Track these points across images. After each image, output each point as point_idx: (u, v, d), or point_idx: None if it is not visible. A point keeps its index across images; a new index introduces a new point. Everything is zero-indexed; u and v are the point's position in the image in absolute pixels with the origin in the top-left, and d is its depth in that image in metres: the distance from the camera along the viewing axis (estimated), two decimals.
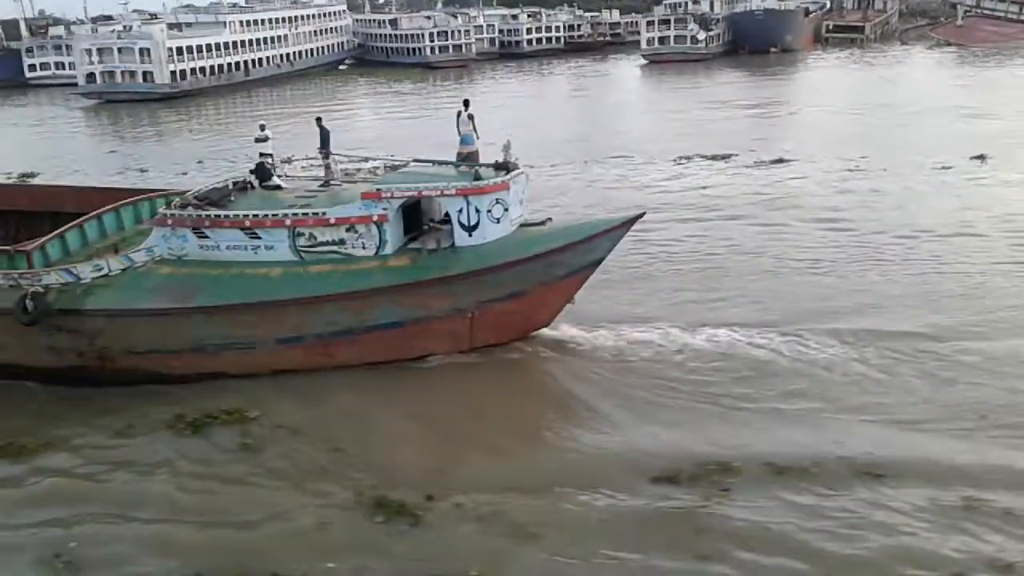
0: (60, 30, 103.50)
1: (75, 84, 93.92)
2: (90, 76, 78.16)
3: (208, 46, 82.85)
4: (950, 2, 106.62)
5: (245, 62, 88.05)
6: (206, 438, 14.56)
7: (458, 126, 18.33)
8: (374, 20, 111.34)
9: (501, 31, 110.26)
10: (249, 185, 18.13)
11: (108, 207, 18.87)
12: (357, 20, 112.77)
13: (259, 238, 16.40)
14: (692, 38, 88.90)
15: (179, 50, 78.85)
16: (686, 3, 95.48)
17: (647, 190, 31.93)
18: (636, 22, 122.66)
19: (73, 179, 38.64)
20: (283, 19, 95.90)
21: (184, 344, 16.42)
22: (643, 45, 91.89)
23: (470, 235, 16.47)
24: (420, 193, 16.80)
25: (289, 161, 19.37)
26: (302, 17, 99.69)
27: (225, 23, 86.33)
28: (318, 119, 19.34)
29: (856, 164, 33.93)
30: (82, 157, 48.93)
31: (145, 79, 77.34)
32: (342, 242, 16.31)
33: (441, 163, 18.12)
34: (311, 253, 16.41)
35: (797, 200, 29.08)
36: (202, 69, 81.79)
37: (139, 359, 16.59)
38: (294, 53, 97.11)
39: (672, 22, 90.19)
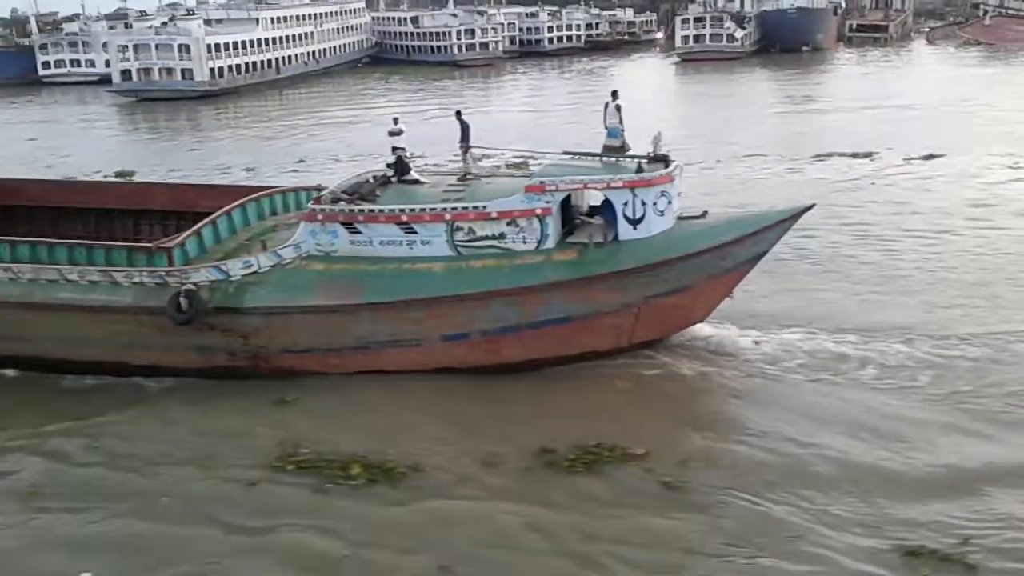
0: (74, 26, 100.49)
1: (90, 82, 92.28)
2: (125, 73, 75.77)
3: (243, 43, 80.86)
4: (972, 2, 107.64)
5: (276, 60, 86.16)
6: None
7: (605, 118, 17.72)
8: (393, 18, 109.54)
9: (522, 29, 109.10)
10: (389, 179, 17.67)
11: (235, 203, 18.45)
12: (374, 18, 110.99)
13: (415, 233, 16.13)
14: (729, 36, 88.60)
15: (216, 47, 76.72)
16: (716, 1, 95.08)
17: (795, 186, 31.02)
18: (651, 21, 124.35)
19: (165, 179, 37.13)
20: (310, 16, 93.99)
21: (346, 342, 16.17)
22: (677, 44, 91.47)
23: (635, 228, 16.18)
24: (585, 186, 16.49)
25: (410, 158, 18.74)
26: (327, 14, 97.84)
27: (257, 20, 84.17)
28: (458, 113, 18.72)
29: (1016, 160, 33.56)
30: (161, 156, 47.20)
31: (183, 76, 75.01)
32: (502, 236, 16.05)
33: (589, 156, 17.54)
34: (469, 248, 16.11)
35: (989, 199, 28.56)
36: (237, 67, 79.77)
37: (296, 358, 16.35)
38: (319, 51, 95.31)
39: (708, 20, 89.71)
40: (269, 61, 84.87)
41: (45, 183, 25.46)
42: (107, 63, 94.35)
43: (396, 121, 18.16)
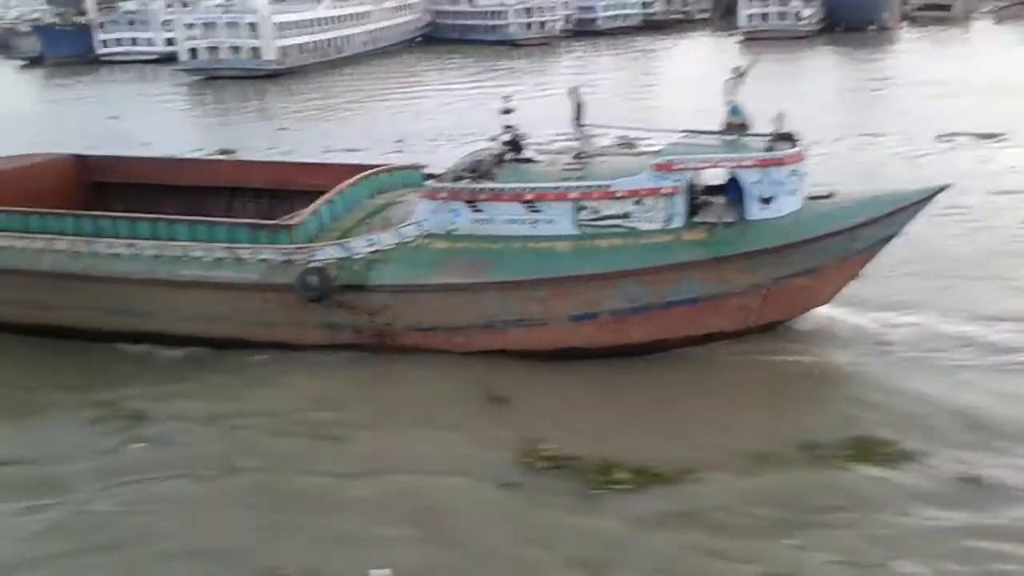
0: (132, 5, 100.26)
1: (149, 61, 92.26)
2: (192, 51, 75.42)
3: (308, 21, 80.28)
4: None
5: (338, 39, 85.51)
6: None
7: (726, 96, 17.32)
8: None
9: (577, 8, 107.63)
10: (504, 158, 17.49)
11: (348, 182, 18.46)
12: None
13: (538, 211, 16.03)
14: (796, 15, 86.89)
15: (283, 25, 76.19)
16: None
17: (927, 169, 30.07)
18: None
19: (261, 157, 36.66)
20: None
21: (472, 321, 16.19)
22: (741, 22, 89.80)
23: (765, 207, 15.90)
24: (716, 164, 16.21)
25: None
26: None
27: None
28: (572, 90, 18.30)
29: None
30: (250, 135, 46.95)
31: (251, 55, 74.59)
32: (627, 215, 15.92)
33: (709, 134, 17.25)
34: (593, 227, 16.00)
35: None
36: (302, 45, 79.26)
37: (421, 336, 16.37)
38: (378, 30, 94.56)
39: None
40: (331, 40, 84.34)
41: (139, 160, 25.67)
42: (166, 41, 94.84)
43: (507, 99, 17.92)
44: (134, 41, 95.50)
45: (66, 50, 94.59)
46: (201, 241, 17.19)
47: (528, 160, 17.53)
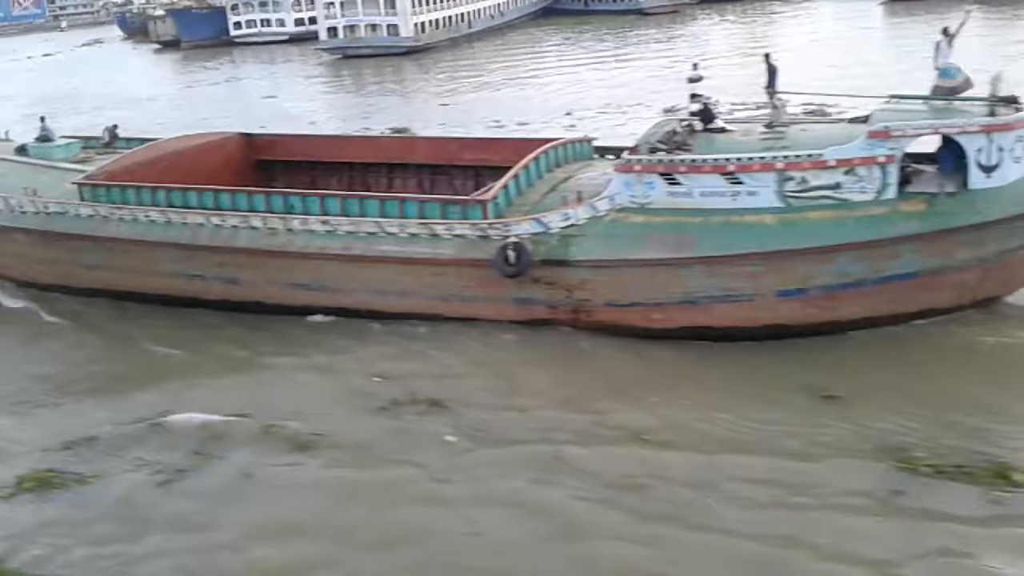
0: None
1: (280, 42, 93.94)
2: (331, 31, 76.24)
3: None
4: None
5: (467, 13, 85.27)
6: None
7: (936, 57, 15.99)
8: None
9: None
10: (696, 129, 16.59)
11: (530, 156, 18.13)
12: None
13: (740, 183, 15.37)
14: None
15: (419, 1, 76.25)
16: None
17: None
18: None
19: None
20: None
21: (673, 296, 15.79)
22: None
23: (989, 176, 14.72)
24: (937, 131, 15.11)
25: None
26: None
27: None
28: (766, 56, 17.32)
29: None
30: (416, 112, 46.90)
31: (388, 32, 74.93)
32: (838, 186, 15.06)
33: (918, 99, 16.18)
34: (800, 198, 15.22)
35: None
36: (436, 21, 79.29)
37: (619, 312, 16.11)
38: (502, 3, 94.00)
39: None
40: (462, 15, 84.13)
41: (300, 138, 25.90)
42: (296, 22, 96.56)
43: (695, 67, 17.24)
44: (266, 22, 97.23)
45: (201, 33, 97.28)
46: (393, 217, 17.37)
47: (720, 130, 16.77)
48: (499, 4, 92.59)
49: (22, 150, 22.93)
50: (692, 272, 15.62)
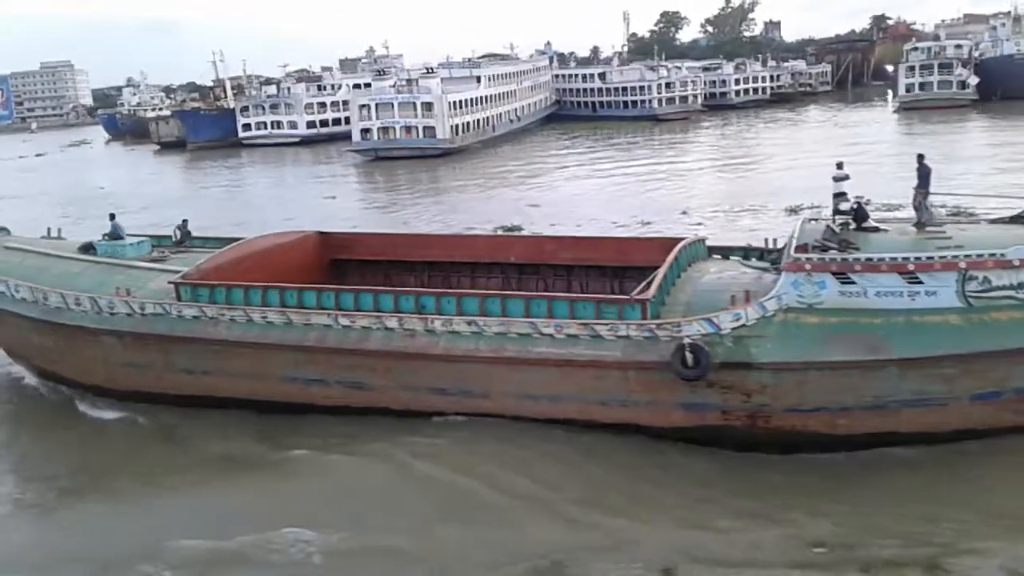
0: (272, 89, 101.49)
1: (291, 144, 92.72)
2: (365, 132, 74.95)
3: (471, 100, 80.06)
4: None
5: (491, 117, 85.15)
6: None
7: None
8: (576, 75, 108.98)
9: (709, 83, 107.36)
10: (848, 226, 16.24)
11: (672, 256, 17.47)
12: (554, 75, 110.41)
13: (920, 283, 14.78)
14: (959, 83, 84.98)
15: (453, 104, 75.77)
16: (931, 49, 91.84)
17: None
18: (825, 72, 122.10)
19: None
20: (513, 74, 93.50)
21: (861, 400, 14.95)
22: (900, 91, 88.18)
23: None
24: None
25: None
26: (524, 72, 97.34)
27: (478, 78, 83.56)
28: (919, 156, 17.02)
29: None
30: (496, 211, 45.01)
31: (424, 134, 73.98)
32: (1020, 286, 14.58)
33: None
34: (982, 299, 14.64)
35: None
36: (467, 124, 78.73)
37: (800, 418, 15.18)
38: (521, 108, 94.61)
39: (936, 67, 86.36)
40: (488, 119, 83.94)
41: (378, 236, 25.25)
42: (307, 124, 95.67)
43: (840, 166, 17.05)
44: (278, 124, 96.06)
45: (208, 134, 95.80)
46: (540, 317, 16.29)
47: (875, 229, 16.19)
48: (517, 109, 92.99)
49: (88, 248, 21.61)
50: (885, 375, 14.77)
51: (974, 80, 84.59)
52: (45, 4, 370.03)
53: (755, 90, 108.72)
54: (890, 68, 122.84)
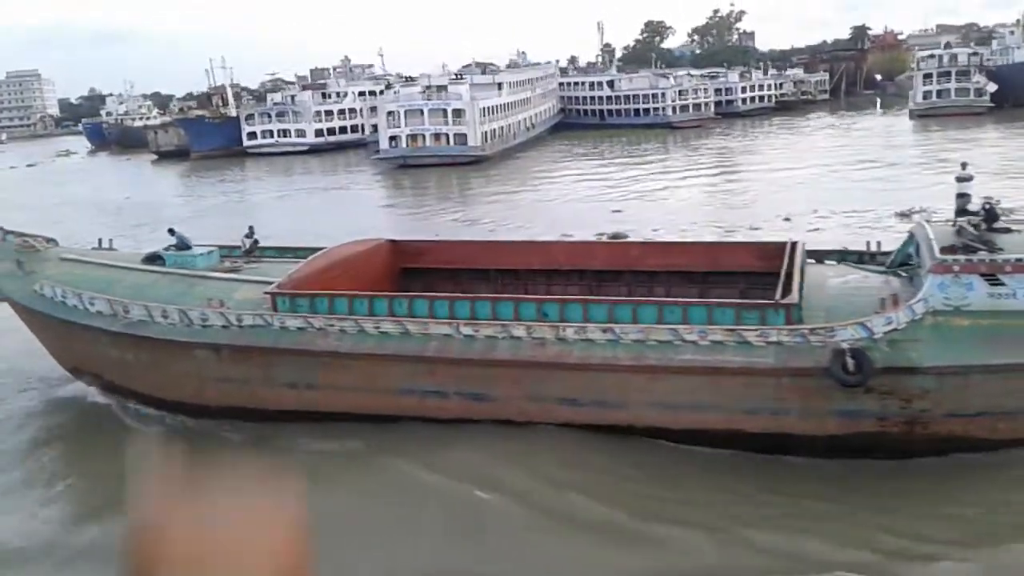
0: (277, 96, 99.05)
1: (299, 152, 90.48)
2: (393, 140, 73.07)
3: (497, 107, 78.60)
4: None
5: (511, 125, 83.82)
6: None
7: None
8: (583, 83, 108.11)
9: (716, 91, 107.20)
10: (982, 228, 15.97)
11: (798, 259, 17.13)
12: (560, 83, 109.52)
13: None
14: (976, 91, 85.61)
15: (484, 111, 74.27)
16: (945, 57, 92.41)
17: None
18: (823, 81, 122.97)
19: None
20: (529, 81, 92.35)
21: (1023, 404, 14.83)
22: (918, 99, 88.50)
23: None
24: None
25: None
26: (537, 79, 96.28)
27: (500, 84, 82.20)
28: None
29: None
30: (583, 217, 43.60)
31: (454, 141, 72.32)
32: None
33: None
34: None
35: None
36: (494, 131, 77.27)
37: (961, 423, 14.87)
38: (535, 115, 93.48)
39: (954, 74, 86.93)
40: (509, 126, 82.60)
41: (448, 243, 24.96)
42: (316, 132, 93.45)
43: (964, 166, 17.16)
44: (285, 133, 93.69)
45: (214, 143, 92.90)
46: (674, 323, 15.74)
47: (1006, 230, 15.95)
48: (532, 116, 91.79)
49: (154, 259, 20.72)
50: None
51: (992, 87, 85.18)
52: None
53: (761, 98, 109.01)
54: (879, 77, 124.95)
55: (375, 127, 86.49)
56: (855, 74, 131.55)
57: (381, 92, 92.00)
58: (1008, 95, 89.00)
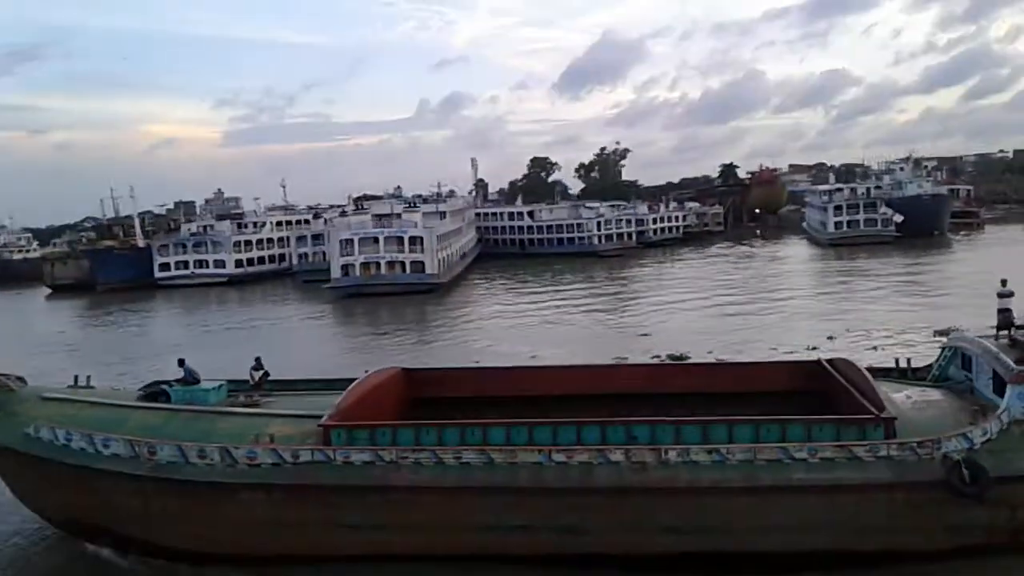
0: (192, 227, 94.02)
1: (217, 284, 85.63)
2: (345, 268, 69.99)
3: (444, 235, 77.32)
4: None
5: (451, 254, 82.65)
6: None
7: None
8: (501, 213, 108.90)
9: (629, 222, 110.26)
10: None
11: (867, 376, 17.78)
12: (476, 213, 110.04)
13: None
14: (883, 221, 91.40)
15: (438, 238, 72.82)
16: (869, 190, 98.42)
17: None
18: (718, 213, 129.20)
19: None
20: (461, 210, 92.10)
21: None
22: (830, 229, 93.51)
23: None
24: None
25: None
26: (459, 211, 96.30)
27: (444, 213, 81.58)
28: None
29: None
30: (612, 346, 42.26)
31: (410, 269, 70.06)
32: None
33: None
34: None
35: None
36: (445, 259, 75.75)
37: None
38: (465, 243, 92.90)
39: (861, 206, 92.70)
40: (451, 255, 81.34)
41: (460, 371, 24.49)
42: (236, 263, 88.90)
43: (1004, 283, 18.25)
44: (202, 264, 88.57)
45: (123, 274, 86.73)
46: (772, 442, 15.58)
47: None
48: (463, 245, 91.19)
49: (155, 395, 19.28)
50: None
51: (899, 218, 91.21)
52: None
53: (669, 228, 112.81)
54: (758, 210, 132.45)
55: (302, 256, 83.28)
56: (740, 208, 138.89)
57: (302, 222, 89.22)
58: (909, 226, 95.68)
